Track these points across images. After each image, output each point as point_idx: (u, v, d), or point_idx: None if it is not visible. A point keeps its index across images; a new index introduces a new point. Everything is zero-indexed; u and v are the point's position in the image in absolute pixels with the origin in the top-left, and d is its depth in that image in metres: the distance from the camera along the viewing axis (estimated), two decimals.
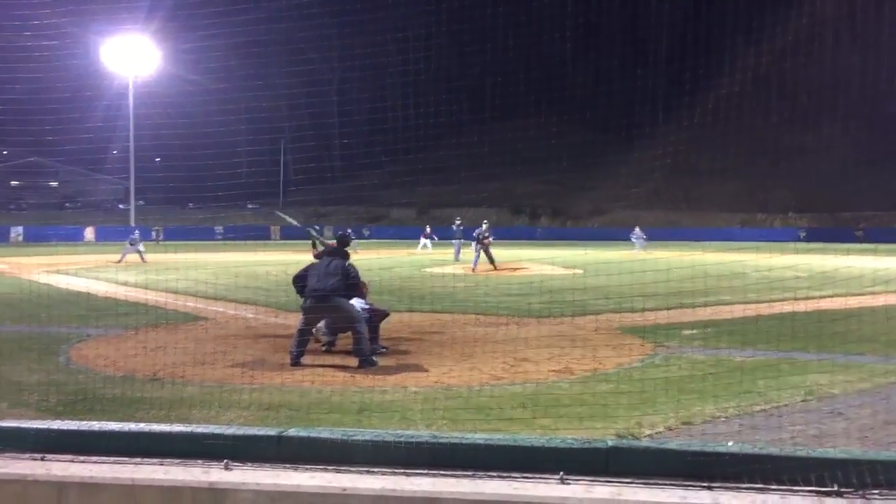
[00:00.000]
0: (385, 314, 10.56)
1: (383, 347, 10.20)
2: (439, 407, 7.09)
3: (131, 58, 54.94)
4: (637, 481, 2.90)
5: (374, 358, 9.43)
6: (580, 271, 23.77)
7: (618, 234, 57.86)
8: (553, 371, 8.82)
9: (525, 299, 15.83)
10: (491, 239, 27.25)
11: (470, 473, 3.02)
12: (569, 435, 6.32)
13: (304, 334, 9.61)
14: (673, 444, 3.17)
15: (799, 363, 9.14)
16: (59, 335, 11.31)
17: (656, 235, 56.44)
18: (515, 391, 7.79)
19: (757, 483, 2.86)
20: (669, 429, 6.35)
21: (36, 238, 55.89)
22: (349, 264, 9.88)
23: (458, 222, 33.84)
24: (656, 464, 2.98)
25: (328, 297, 9.50)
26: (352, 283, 9.76)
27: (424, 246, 43.01)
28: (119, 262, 30.51)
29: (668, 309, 14.24)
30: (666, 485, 2.86)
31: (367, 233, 64.54)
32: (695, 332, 11.72)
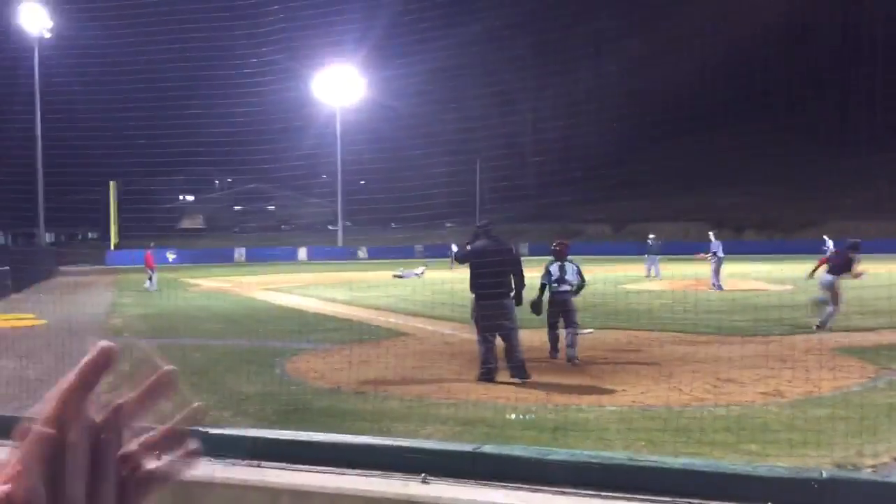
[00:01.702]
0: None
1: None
2: (637, 427, 6.91)
3: (338, 87, 58.38)
4: None
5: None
6: (790, 287, 22.30)
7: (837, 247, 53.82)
8: (761, 393, 8.32)
9: (728, 316, 15.07)
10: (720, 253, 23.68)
11: (668, 500, 2.90)
12: (778, 462, 5.96)
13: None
14: None
15: None
16: (275, 349, 12.18)
17: (878, 248, 51.90)
18: (719, 414, 7.42)
19: None
20: (895, 459, 5.79)
21: (256, 258, 60.51)
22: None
23: (651, 237, 32.67)
24: (879, 498, 2.72)
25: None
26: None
27: (418, 274, 35.48)
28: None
29: (894, 328, 13.06)
30: None
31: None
32: None
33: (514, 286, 9.61)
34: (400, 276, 32.85)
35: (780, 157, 68.68)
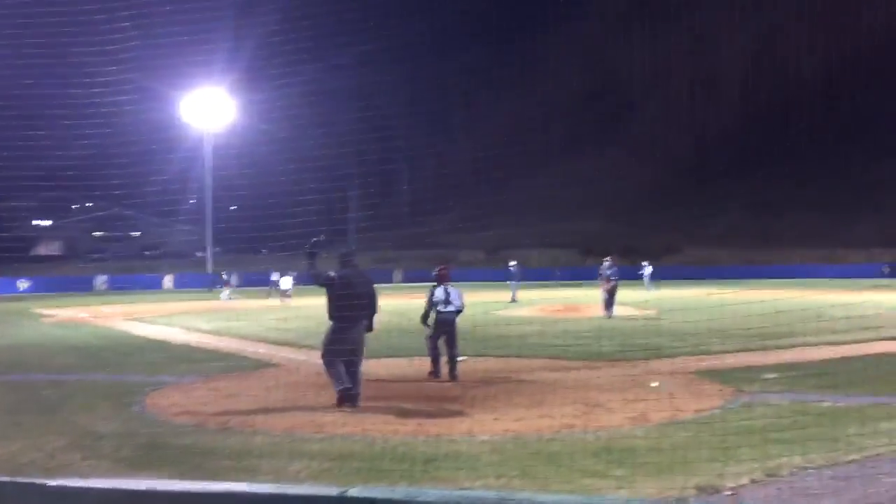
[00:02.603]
0: None
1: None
2: (510, 457, 6.89)
3: (207, 110, 56.79)
4: None
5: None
6: (652, 312, 23.24)
7: (693, 273, 56.64)
8: (628, 418, 8.51)
9: (597, 342, 15.49)
10: (614, 280, 22.89)
11: None
12: (647, 487, 6.07)
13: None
14: None
15: (891, 408, 8.63)
16: (135, 383, 11.52)
17: (734, 274, 55.06)
18: (588, 439, 7.52)
19: None
20: (754, 481, 6.00)
21: (118, 286, 57.70)
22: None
23: (512, 263, 33.78)
24: None
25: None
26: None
27: (228, 296, 37.45)
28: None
29: (748, 351, 13.77)
30: None
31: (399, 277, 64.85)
32: (777, 375, 11.19)
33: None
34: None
35: (643, 186, 72.00)
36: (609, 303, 22.61)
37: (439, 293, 12.14)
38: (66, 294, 48.56)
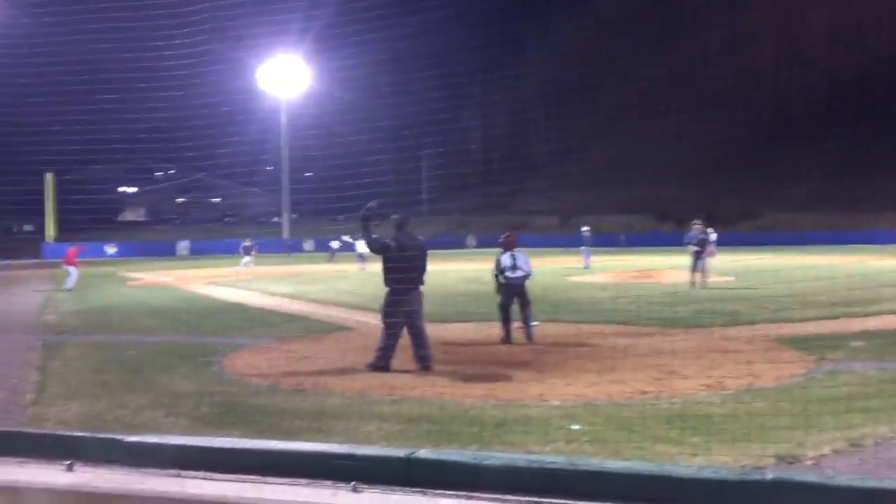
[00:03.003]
0: None
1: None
2: (581, 422, 6.82)
3: (284, 78, 57.50)
4: None
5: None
6: (731, 278, 22.67)
7: (773, 239, 55.00)
8: (704, 385, 8.32)
9: (671, 308, 15.19)
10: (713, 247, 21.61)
11: None
12: (722, 455, 5.93)
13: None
14: (845, 480, 2.78)
15: None
16: (213, 345, 11.84)
17: (817, 239, 53.19)
18: (662, 407, 7.39)
19: None
20: (835, 451, 5.80)
21: (200, 251, 59.39)
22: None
23: (585, 229, 33.22)
24: (823, 500, 2.64)
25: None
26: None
27: (246, 263, 35.32)
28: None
29: (832, 318, 13.31)
30: None
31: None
32: (863, 343, 10.77)
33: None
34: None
35: (721, 149, 69.92)
36: (697, 267, 20.53)
37: (506, 259, 12.22)
38: (150, 258, 50.23)
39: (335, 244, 41.22)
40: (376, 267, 10.61)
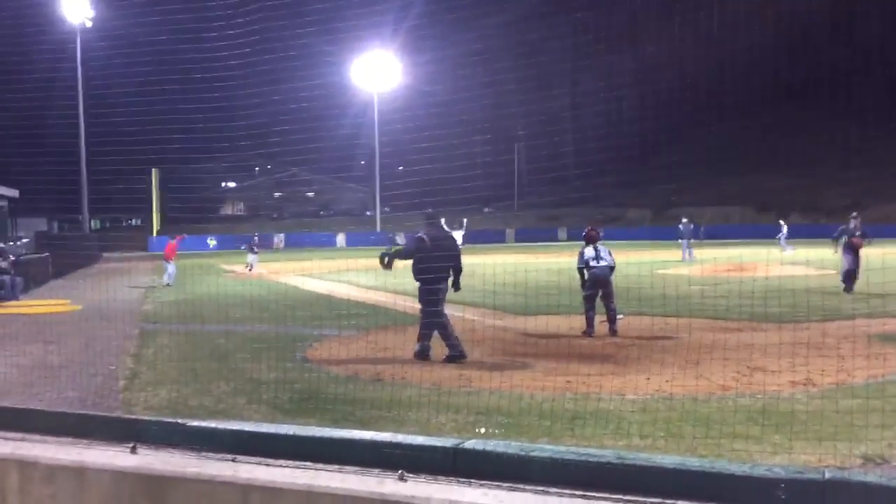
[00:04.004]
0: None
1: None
2: (658, 418, 6.66)
3: (375, 73, 58.30)
4: None
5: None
6: (832, 271, 21.68)
7: (881, 231, 52.34)
8: (791, 382, 8.00)
9: (765, 302, 14.64)
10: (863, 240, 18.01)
11: (657, 501, 2.70)
12: (805, 454, 5.68)
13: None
14: None
15: None
16: (299, 335, 12.13)
17: None
18: (745, 403, 7.14)
19: None
20: None
21: (295, 244, 60.94)
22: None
23: (684, 221, 32.71)
24: (882, 501, 2.49)
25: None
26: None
27: (251, 262, 31.09)
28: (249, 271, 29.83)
29: None
30: None
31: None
32: None
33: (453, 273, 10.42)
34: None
35: (823, 139, 67.10)
36: (850, 274, 17.47)
37: (589, 252, 12.31)
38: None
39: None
40: (474, 259, 11.00)
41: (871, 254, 16.01)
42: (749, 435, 6.09)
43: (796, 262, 22.55)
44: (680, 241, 32.53)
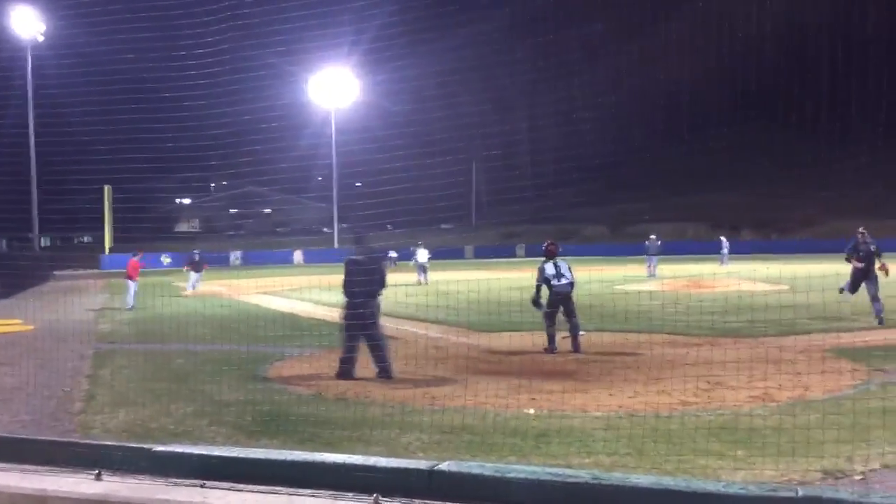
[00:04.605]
0: None
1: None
2: (623, 434, 6.70)
3: (333, 89, 58.21)
4: None
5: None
6: (785, 287, 22.12)
7: (832, 247, 53.55)
8: (751, 397, 8.13)
9: (722, 317, 14.89)
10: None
11: None
12: (768, 469, 5.75)
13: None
14: (878, 497, 2.68)
15: None
16: (261, 354, 11.97)
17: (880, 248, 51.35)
18: (707, 419, 7.22)
19: None
20: (886, 466, 5.60)
21: (252, 261, 60.30)
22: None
23: (652, 237, 33.60)
24: None
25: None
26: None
27: (194, 282, 29.99)
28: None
29: (892, 329, 12.90)
30: None
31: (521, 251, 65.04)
32: None
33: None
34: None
35: (775, 157, 68.56)
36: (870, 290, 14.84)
37: (549, 268, 12.32)
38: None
39: (393, 254, 41.01)
40: (434, 276, 10.88)
41: (816, 269, 15.87)
42: (713, 451, 6.15)
43: (755, 278, 22.94)
44: (645, 256, 33.42)
